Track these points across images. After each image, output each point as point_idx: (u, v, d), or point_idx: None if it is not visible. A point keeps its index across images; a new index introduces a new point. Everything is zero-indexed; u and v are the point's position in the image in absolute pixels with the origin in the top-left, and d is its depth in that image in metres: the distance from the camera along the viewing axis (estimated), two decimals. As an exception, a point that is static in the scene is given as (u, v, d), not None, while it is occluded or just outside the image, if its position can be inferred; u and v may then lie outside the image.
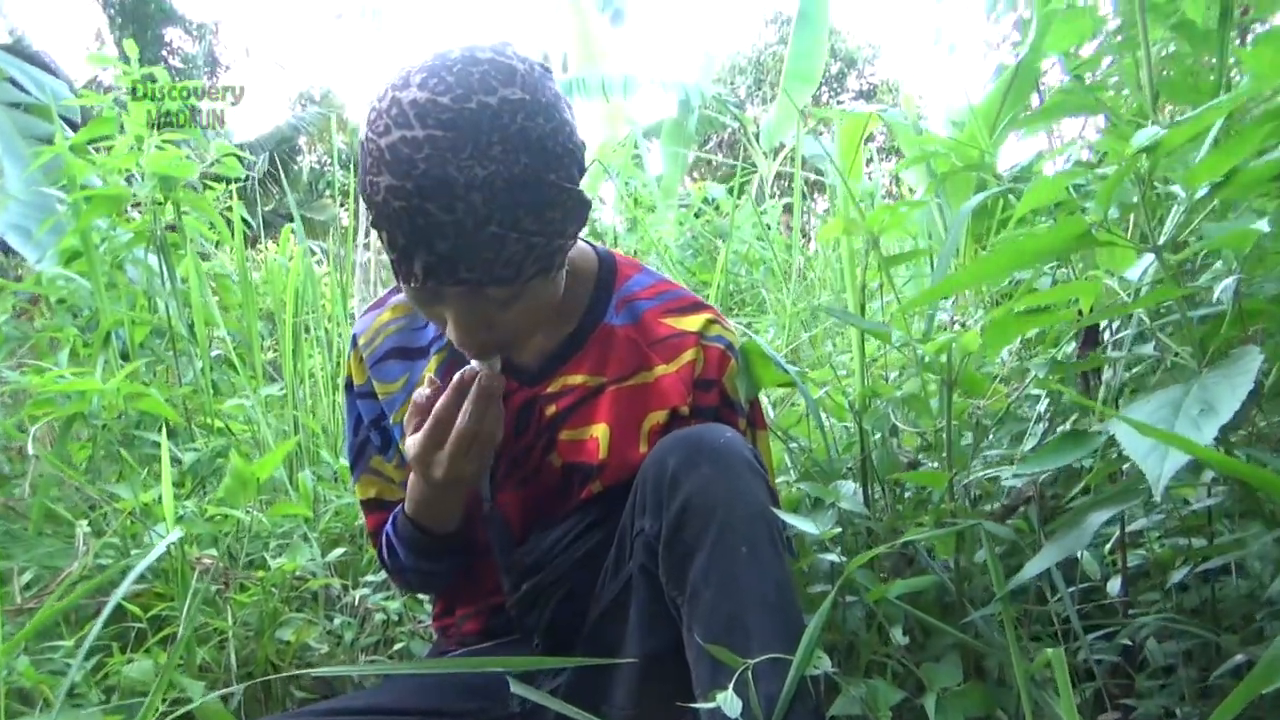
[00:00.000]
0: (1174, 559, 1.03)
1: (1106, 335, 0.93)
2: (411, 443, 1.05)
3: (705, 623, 0.90)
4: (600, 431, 1.11)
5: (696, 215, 4.30)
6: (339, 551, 1.43)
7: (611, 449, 1.11)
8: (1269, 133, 0.73)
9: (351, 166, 3.26)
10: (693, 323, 1.13)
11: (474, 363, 1.02)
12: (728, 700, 0.81)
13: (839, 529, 0.86)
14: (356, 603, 1.39)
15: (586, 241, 1.20)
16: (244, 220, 2.14)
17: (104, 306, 1.84)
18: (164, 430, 1.39)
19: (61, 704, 1.00)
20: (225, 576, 1.22)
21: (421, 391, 1.06)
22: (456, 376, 1.02)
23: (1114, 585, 0.99)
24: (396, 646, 1.43)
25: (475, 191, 0.84)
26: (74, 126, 2.88)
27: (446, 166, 0.84)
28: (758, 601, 0.89)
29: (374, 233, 0.94)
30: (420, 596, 1.61)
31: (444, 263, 0.88)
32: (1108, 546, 1.04)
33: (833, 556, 0.86)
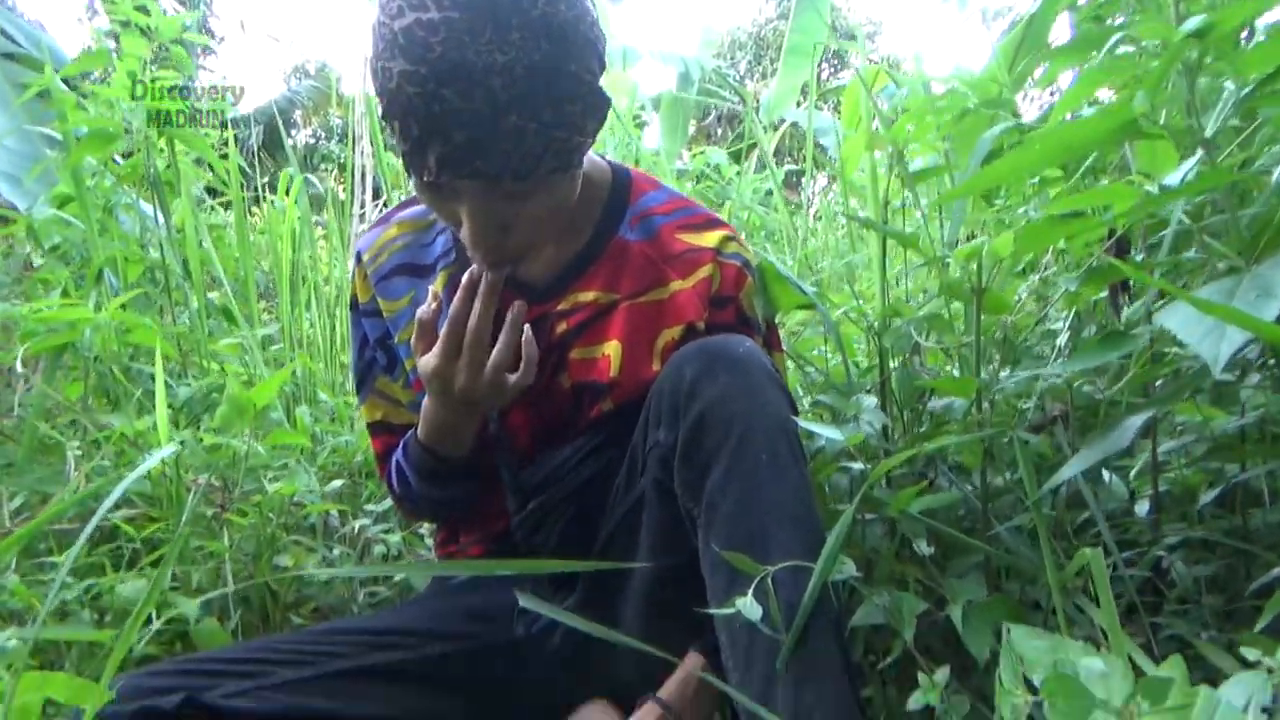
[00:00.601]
0: (1202, 483, 1.00)
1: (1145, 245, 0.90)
2: (424, 361, 1.01)
3: (724, 534, 0.87)
4: (612, 349, 1.08)
5: (698, 181, 4.25)
6: (337, 483, 1.40)
7: (623, 366, 1.08)
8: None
9: (348, 140, 3.19)
10: (710, 239, 1.10)
11: (475, 266, 0.98)
12: (747, 605, 0.78)
13: (864, 434, 0.82)
14: (356, 533, 1.36)
15: (600, 156, 1.16)
16: (240, 170, 2.11)
17: (95, 243, 1.80)
18: (158, 358, 1.35)
19: (48, 617, 0.97)
20: (222, 499, 1.18)
21: (425, 308, 1.02)
22: (465, 277, 0.98)
23: (1142, 508, 0.96)
24: (396, 578, 1.40)
25: (494, 78, 0.80)
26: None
27: (464, 51, 0.79)
28: (779, 512, 0.86)
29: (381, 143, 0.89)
30: (422, 529, 1.58)
31: (460, 154, 0.84)
32: (1134, 472, 1.02)
33: (858, 464, 0.83)
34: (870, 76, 2.21)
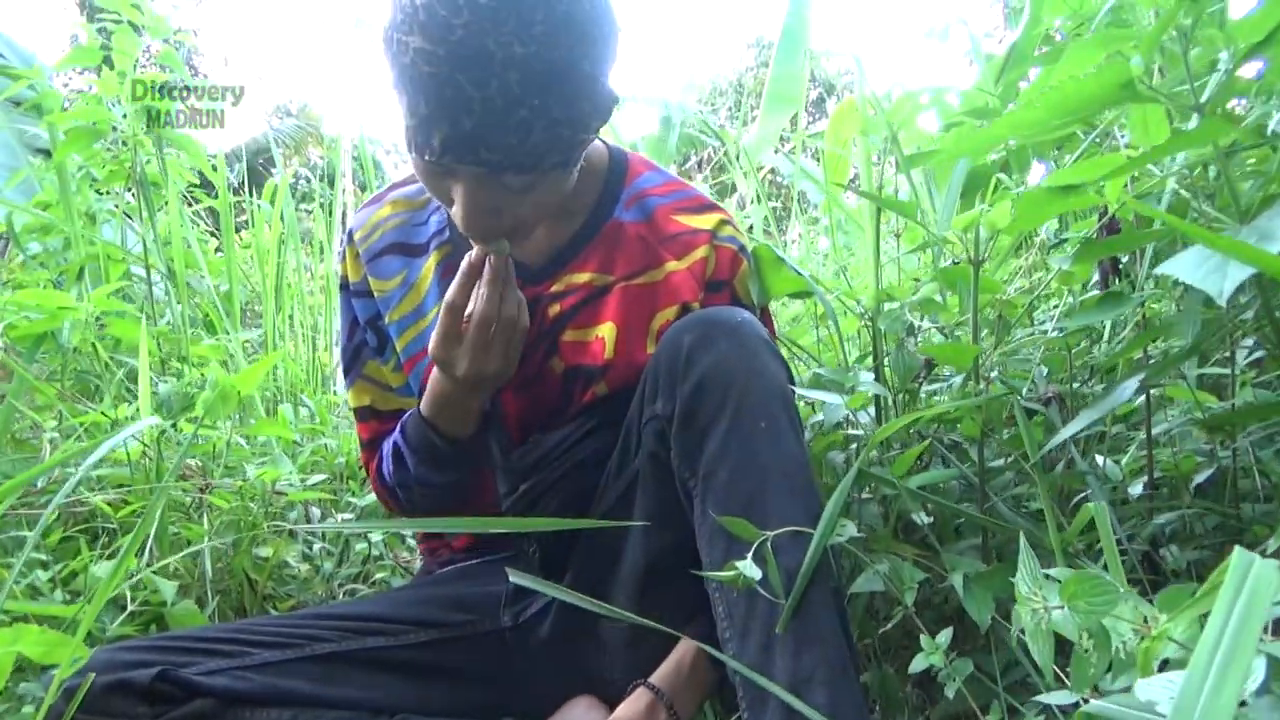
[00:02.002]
0: (1194, 468, 1.00)
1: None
2: (432, 340, 1.00)
3: (721, 501, 0.86)
4: (606, 331, 1.07)
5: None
6: (319, 477, 1.37)
7: (618, 349, 1.07)
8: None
9: (327, 180, 3.15)
10: (706, 221, 1.10)
11: (479, 246, 0.97)
12: (747, 567, 0.77)
13: (865, 397, 0.82)
14: (337, 531, 1.33)
15: (597, 138, 1.16)
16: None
17: (77, 238, 1.78)
18: (143, 346, 1.32)
19: (13, 589, 0.94)
20: (204, 483, 1.15)
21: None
22: (465, 261, 0.97)
23: (1136, 488, 0.96)
24: (378, 576, 1.37)
25: (512, 70, 0.79)
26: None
27: (485, 38, 0.78)
28: (777, 478, 0.85)
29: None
30: (406, 533, 1.55)
31: (465, 140, 0.83)
32: (1126, 457, 1.02)
33: (859, 430, 0.83)
34: (850, 108, 2.24)
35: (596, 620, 1.08)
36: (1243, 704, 0.36)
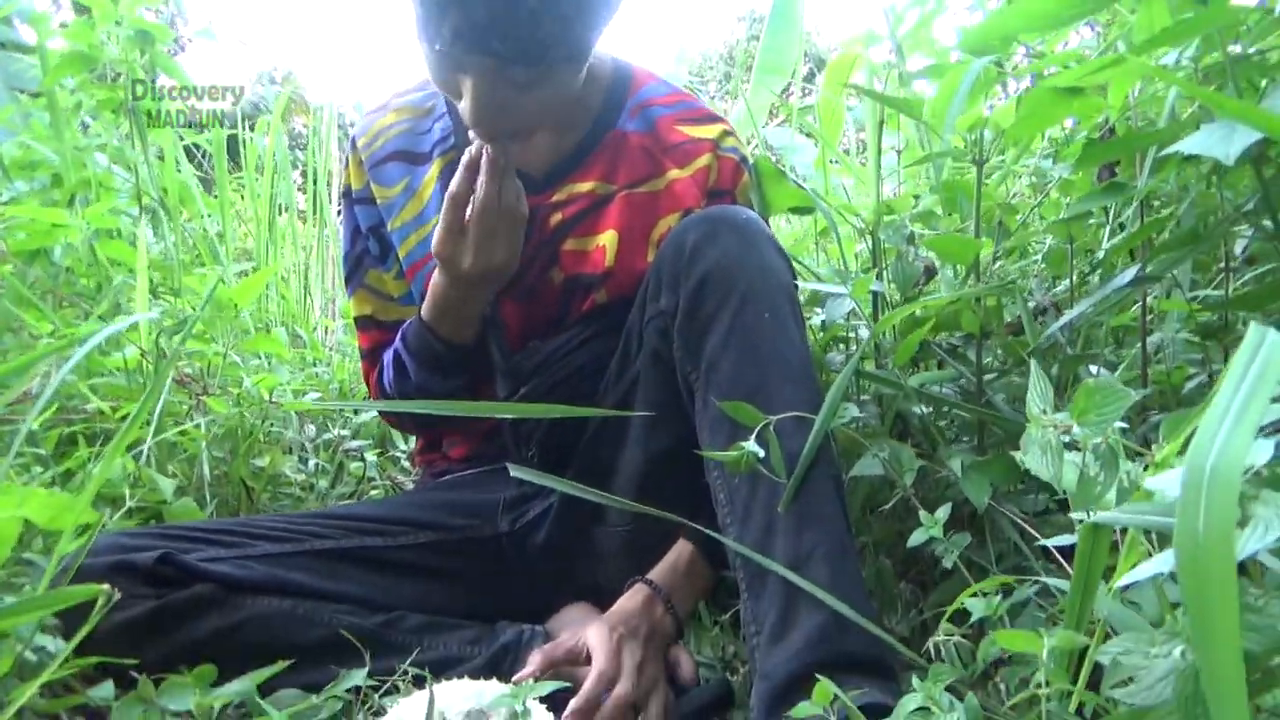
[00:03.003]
0: (1185, 378, 1.02)
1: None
2: (435, 236, 1.00)
3: (724, 391, 0.86)
4: (608, 239, 1.08)
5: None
6: (314, 395, 1.37)
7: (619, 256, 1.07)
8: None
9: (312, 148, 3.12)
10: (709, 131, 1.11)
11: (478, 142, 0.97)
12: (750, 447, 0.78)
13: (867, 282, 0.83)
14: (334, 444, 1.33)
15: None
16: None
17: (68, 167, 1.75)
18: (141, 262, 1.32)
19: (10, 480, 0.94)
20: (202, 388, 1.15)
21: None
22: (465, 155, 0.98)
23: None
24: (373, 494, 1.38)
25: None
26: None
27: None
28: (780, 368, 0.86)
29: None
30: (398, 449, 1.55)
31: (478, 29, 0.83)
32: (1121, 367, 1.03)
33: (861, 323, 0.84)
34: (846, 59, 2.23)
35: (592, 528, 1.10)
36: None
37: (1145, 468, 0.49)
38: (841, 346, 1.08)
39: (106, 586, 0.60)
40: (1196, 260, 0.99)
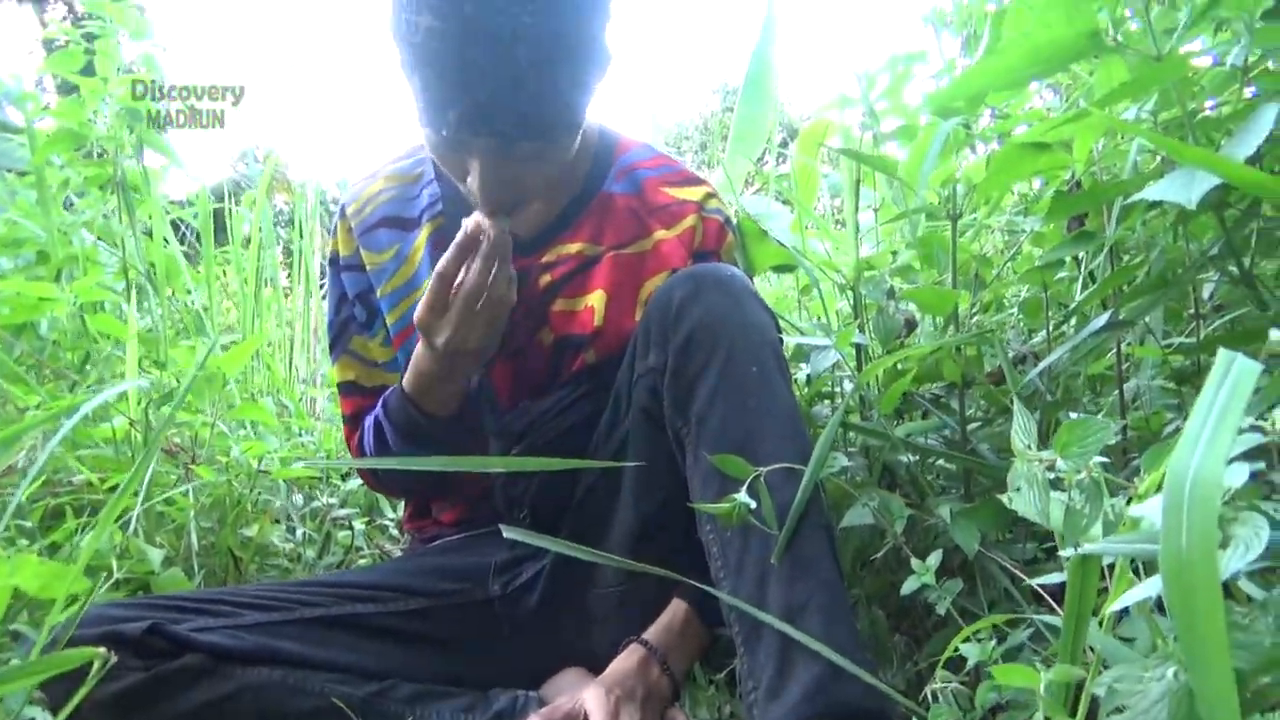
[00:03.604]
0: (1164, 423, 1.04)
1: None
2: (419, 306, 1.01)
3: (714, 445, 0.87)
4: (596, 299, 1.10)
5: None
6: (301, 464, 1.37)
7: (607, 317, 1.09)
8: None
9: (294, 224, 3.15)
10: (693, 193, 1.14)
11: (475, 216, 0.98)
12: (742, 498, 0.78)
13: (850, 334, 0.85)
14: (321, 513, 1.33)
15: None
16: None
17: (54, 243, 1.77)
18: (132, 330, 1.32)
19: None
20: (191, 457, 1.15)
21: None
22: (461, 231, 0.98)
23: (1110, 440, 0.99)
24: (360, 563, 1.37)
25: (521, 40, 0.81)
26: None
27: (494, 12, 0.80)
28: (768, 421, 0.87)
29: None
30: (387, 518, 1.54)
31: (480, 113, 0.85)
32: (1102, 413, 1.05)
33: (846, 375, 0.85)
34: (819, 126, 2.30)
35: (586, 589, 1.09)
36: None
37: (1128, 500, 0.51)
38: (827, 401, 1.10)
39: (103, 650, 0.59)
40: (1168, 309, 1.02)
